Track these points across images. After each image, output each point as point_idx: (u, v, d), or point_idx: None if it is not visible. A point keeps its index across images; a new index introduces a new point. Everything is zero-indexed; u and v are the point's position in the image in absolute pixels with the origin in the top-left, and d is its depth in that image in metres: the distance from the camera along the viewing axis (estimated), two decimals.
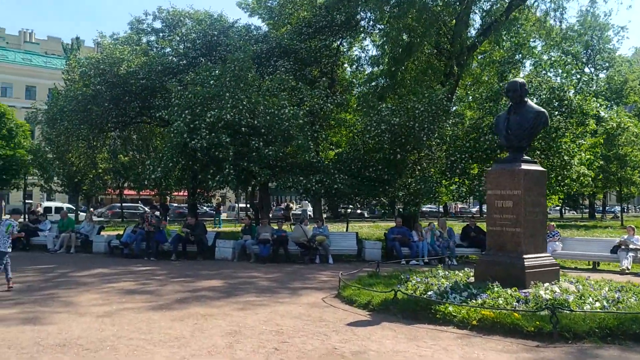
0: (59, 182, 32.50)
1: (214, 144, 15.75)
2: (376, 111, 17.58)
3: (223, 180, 15.87)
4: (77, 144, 23.79)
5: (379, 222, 36.78)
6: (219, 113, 15.79)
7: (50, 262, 14.20)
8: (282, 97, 16.68)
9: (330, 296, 9.49)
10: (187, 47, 22.18)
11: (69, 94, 21.16)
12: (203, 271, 12.76)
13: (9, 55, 66.59)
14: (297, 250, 15.08)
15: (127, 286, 10.32)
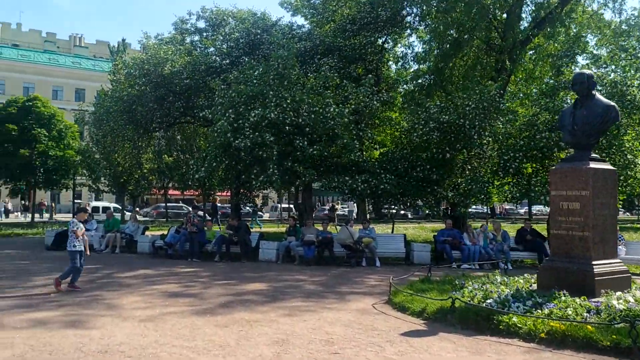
0: (106, 182, 33.05)
1: (258, 143, 15.46)
2: (424, 109, 16.95)
3: (267, 180, 15.56)
4: (123, 145, 24.00)
5: (424, 223, 35.97)
6: (263, 112, 15.48)
7: (95, 262, 14.17)
8: (326, 95, 16.25)
9: (381, 302, 8.98)
10: (230, 46, 22.06)
11: (114, 94, 21.31)
12: (247, 273, 12.45)
13: (59, 59, 68.75)
14: (342, 252, 14.61)
15: (170, 288, 10.08)
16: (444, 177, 16.93)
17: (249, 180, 16.46)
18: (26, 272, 11.88)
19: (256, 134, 15.44)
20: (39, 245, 18.43)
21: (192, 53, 21.93)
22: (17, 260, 14.33)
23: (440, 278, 10.51)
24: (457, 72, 22.52)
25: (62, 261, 14.00)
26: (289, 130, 16.14)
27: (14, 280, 10.75)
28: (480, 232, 14.93)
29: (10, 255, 15.35)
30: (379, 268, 13.91)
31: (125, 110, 20.47)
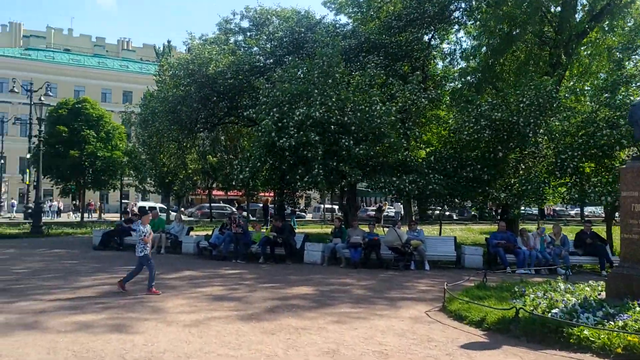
0: (152, 182, 33.49)
1: (303, 142, 15.16)
2: (474, 106, 16.28)
3: (312, 180, 15.23)
4: (168, 145, 24.15)
5: (471, 224, 34.98)
6: (308, 110, 15.16)
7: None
8: (372, 93, 15.79)
9: (435, 309, 8.48)
10: (274, 45, 21.87)
11: (160, 95, 21.42)
12: (292, 276, 12.13)
13: (108, 63, 70.67)
14: (390, 255, 14.12)
15: (215, 291, 9.85)
16: (496, 177, 16.22)
17: (293, 181, 16.15)
18: (74, 272, 11.89)
19: (301, 133, 15.15)
20: (86, 244, 18.64)
21: (236, 53, 21.84)
22: (66, 259, 14.44)
23: (496, 284, 9.91)
24: (507, 68, 21.68)
25: (109, 261, 14.10)
26: (334, 129, 15.77)
27: (61, 280, 10.74)
28: (537, 235, 14.17)
29: (59, 255, 15.51)
30: (428, 272, 13.36)
31: (170, 110, 20.53)
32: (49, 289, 9.60)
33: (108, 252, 16.79)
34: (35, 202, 24.05)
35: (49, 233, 22.89)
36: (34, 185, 52.19)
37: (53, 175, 32.00)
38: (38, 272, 11.74)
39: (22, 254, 15.45)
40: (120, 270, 12.49)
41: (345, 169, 15.11)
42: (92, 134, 31.07)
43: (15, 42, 74.45)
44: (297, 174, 15.70)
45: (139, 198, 54.31)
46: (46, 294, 9.17)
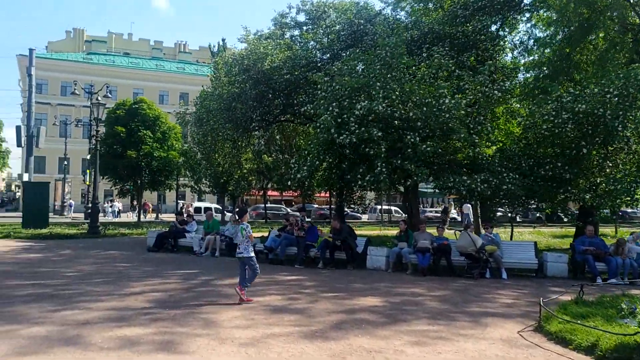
0: (207, 182, 33.21)
1: (364, 139, 14.12)
2: (553, 98, 14.77)
3: (374, 179, 14.15)
4: (223, 144, 23.60)
5: (539, 227, 32.92)
6: (370, 105, 14.11)
7: (194, 266, 13.47)
8: (440, 85, 14.56)
9: (529, 330, 7.25)
10: (331, 39, 20.93)
11: (214, 92, 20.85)
12: (356, 284, 11.09)
13: (165, 65, 71.87)
14: (462, 261, 12.85)
15: (273, 301, 8.93)
16: (578, 176, 14.66)
17: (353, 180, 15.11)
18: (125, 277, 11.28)
19: (362, 129, 14.12)
20: (141, 246, 18.23)
21: (292, 47, 21.02)
22: (119, 262, 13.94)
23: (594, 298, 8.56)
24: (585, 57, 19.89)
25: (162, 264, 13.48)
26: (398, 124, 14.67)
27: (110, 285, 10.10)
28: (632, 240, 12.58)
29: (113, 257, 15.05)
30: (506, 281, 12.02)
31: (225, 108, 19.92)
32: (97, 296, 8.94)
33: (162, 254, 16.27)
34: (92, 202, 24.01)
35: (106, 234, 22.77)
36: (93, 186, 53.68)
37: (111, 176, 32.21)
38: (89, 276, 11.19)
39: (77, 256, 15.10)
40: (172, 274, 11.81)
41: (410, 167, 13.95)
42: (149, 135, 31.06)
43: (79, 47, 76.84)
44: (358, 173, 14.67)
45: (195, 198, 54.65)
46: (94, 301, 8.50)
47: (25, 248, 16.90)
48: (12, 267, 12.30)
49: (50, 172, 61.27)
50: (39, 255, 14.93)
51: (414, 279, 12.07)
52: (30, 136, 33.00)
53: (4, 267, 12.27)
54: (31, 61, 33.24)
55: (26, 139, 33.28)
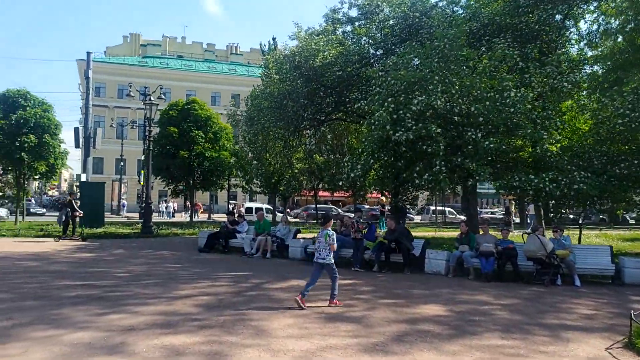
0: (258, 183, 33.04)
1: (422, 136, 13.39)
2: (629, 90, 13.59)
3: (432, 179, 13.37)
4: (274, 144, 23.25)
5: (606, 230, 31.02)
6: (428, 99, 13.35)
7: (245, 268, 13.06)
8: (505, 77, 13.64)
9: (617, 346, 6.39)
10: (385, 34, 20.19)
11: (265, 90, 20.50)
12: (415, 289, 10.37)
13: (217, 67, 72.81)
14: (530, 266, 11.89)
15: (328, 308, 8.34)
16: None
17: (410, 179, 14.36)
18: (174, 278, 10.95)
19: (419, 125, 13.38)
20: (192, 246, 18.06)
21: (344, 43, 20.41)
22: (169, 263, 13.70)
23: None
24: None
25: (212, 265, 13.14)
26: (458, 120, 13.88)
27: (159, 287, 9.77)
28: None
29: (163, 257, 14.87)
30: (581, 289, 10.99)
31: (276, 106, 19.55)
32: (145, 299, 8.60)
33: (212, 255, 15.99)
34: (145, 202, 24.14)
35: (158, 233, 22.81)
36: (146, 186, 54.74)
37: (164, 176, 32.50)
38: (138, 278, 10.93)
39: (128, 256, 14.99)
40: (222, 277, 11.41)
41: (471, 166, 13.10)
42: (201, 135, 31.15)
43: (135, 51, 78.82)
44: (414, 172, 13.93)
45: (247, 199, 54.92)
46: (141, 304, 8.15)
47: (79, 247, 16.99)
48: (65, 267, 12.22)
49: (107, 173, 63.06)
50: (91, 255, 14.91)
51: (478, 285, 11.23)
52: (87, 137, 33.73)
53: (57, 267, 12.20)
54: (88, 64, 34.00)
55: (84, 141, 34.02)
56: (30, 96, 27.71)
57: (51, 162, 27.86)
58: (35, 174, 27.83)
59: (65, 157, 29.32)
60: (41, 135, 27.20)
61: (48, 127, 27.53)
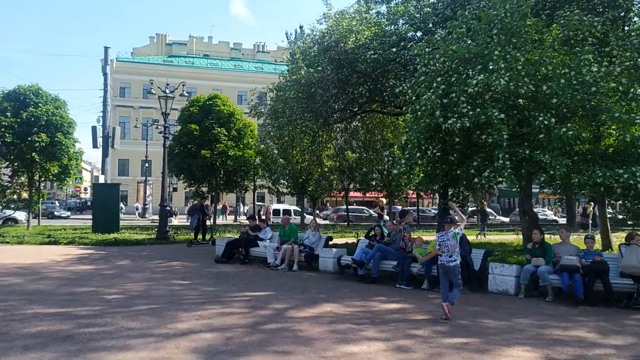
0: (285, 183, 30.76)
1: (480, 123, 10.92)
2: None
3: (494, 175, 10.87)
4: (301, 139, 20.97)
5: None
6: (487, 79, 10.87)
7: (266, 284, 10.78)
8: (586, 50, 11.07)
9: None
10: (425, 13, 17.69)
11: (291, 77, 18.21)
12: (485, 318, 7.92)
13: (244, 65, 71.22)
14: (624, 285, 9.31)
15: (374, 353, 5.97)
16: None
17: (465, 176, 11.87)
18: (177, 302, 8.72)
19: (477, 110, 10.91)
20: (209, 254, 15.90)
21: (380, 24, 17.97)
22: (177, 277, 11.51)
23: None
24: None
25: (228, 281, 10.87)
26: (524, 104, 11.36)
27: (154, 317, 7.56)
28: None
29: (172, 270, 12.70)
30: None
31: (303, 96, 17.26)
32: (126, 338, 6.37)
33: (230, 266, 13.77)
34: (160, 205, 22.17)
35: (175, 239, 20.75)
36: (173, 188, 53.07)
37: (186, 176, 30.49)
38: (131, 301, 8.74)
39: (132, 269, 12.89)
40: (236, 299, 9.13)
41: (544, 158, 10.54)
42: (223, 132, 28.97)
43: (161, 51, 77.68)
44: (471, 167, 11.44)
45: (274, 200, 52.82)
46: (117, 348, 5.93)
47: (81, 257, 15.01)
48: (49, 286, 10.14)
49: (133, 175, 61.94)
50: (90, 268, 12.84)
51: (564, 311, 8.71)
52: (105, 137, 32.02)
53: (40, 285, 10.13)
54: (106, 60, 32.40)
55: (102, 140, 32.32)
56: (42, 92, 26.00)
57: (64, 162, 26.13)
58: (47, 175, 26.12)
59: (80, 157, 27.57)
60: (53, 134, 25.50)
61: (61, 125, 25.79)
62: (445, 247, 8.01)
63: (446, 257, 7.99)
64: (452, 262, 7.93)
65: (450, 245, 7.96)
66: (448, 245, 7.98)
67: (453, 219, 8.56)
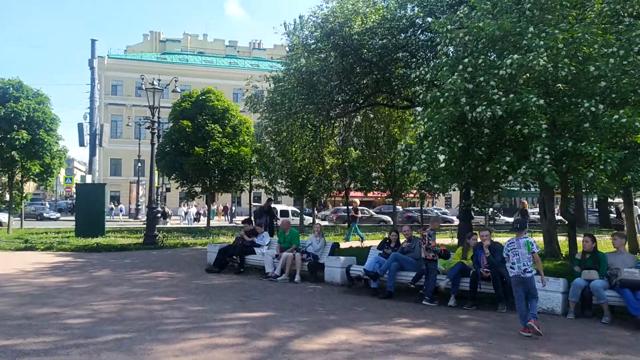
0: (283, 182, 29.07)
1: (514, 111, 9.32)
2: None
3: (531, 171, 9.24)
4: (301, 134, 19.30)
5: None
6: (522, 59, 9.26)
7: (265, 302, 9.13)
8: (637, 24, 9.48)
9: None
10: None
11: (291, 66, 16.55)
12: (542, 352, 6.28)
13: (239, 63, 69.57)
14: None
15: None
16: None
17: (496, 173, 10.25)
18: (153, 329, 7.05)
19: (511, 96, 9.30)
20: (200, 262, 14.27)
21: (389, 6, 16.33)
22: (159, 293, 9.84)
23: None
24: None
25: (219, 298, 9.09)
26: (564, 89, 9.78)
27: (122, 352, 5.91)
28: None
29: (155, 283, 11.02)
30: None
31: (304, 85, 15.61)
32: None
33: (223, 277, 12.10)
34: (148, 207, 20.50)
35: (164, 244, 19.02)
36: (166, 188, 51.30)
37: (178, 176, 28.78)
38: (99, 327, 7.06)
39: (110, 280, 11.21)
40: (228, 322, 7.43)
41: (591, 150, 8.92)
42: (217, 129, 27.29)
43: (155, 49, 75.81)
44: (503, 162, 9.82)
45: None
46: None
47: (54, 267, 13.32)
48: (5, 305, 8.47)
49: (126, 175, 60.11)
50: (60, 281, 11.15)
51: (633, 338, 7.08)
52: (93, 135, 30.30)
53: None
54: (93, 53, 30.81)
55: (89, 138, 30.61)
56: (23, 86, 24.34)
57: (47, 161, 24.44)
58: (28, 175, 24.41)
59: (64, 156, 25.90)
60: (35, 131, 23.82)
61: (43, 121, 24.15)
62: (515, 256, 7.20)
63: (518, 267, 7.15)
64: (528, 273, 7.12)
65: (521, 254, 7.15)
66: (519, 254, 7.17)
67: (524, 224, 7.76)
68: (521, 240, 7.23)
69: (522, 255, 7.15)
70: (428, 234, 9.44)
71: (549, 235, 16.24)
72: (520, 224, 7.64)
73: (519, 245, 7.21)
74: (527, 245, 7.16)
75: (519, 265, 7.14)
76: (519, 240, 7.26)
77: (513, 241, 7.32)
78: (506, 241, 7.58)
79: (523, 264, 7.11)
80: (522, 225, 7.61)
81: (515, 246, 7.24)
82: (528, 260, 7.12)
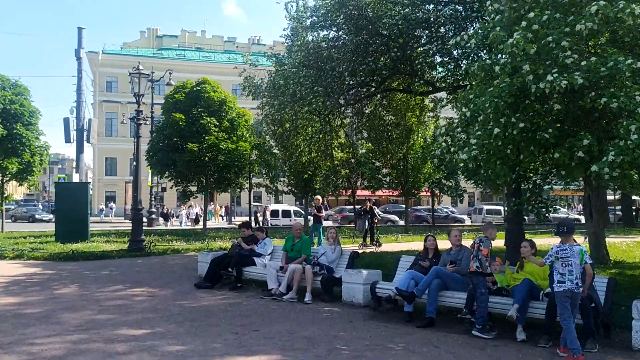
0: (286, 180, 26.70)
1: (593, 82, 7.06)
2: None
3: (624, 157, 6.95)
4: (308, 122, 17.00)
5: None
6: (607, 8, 6.99)
7: (267, 335, 6.82)
8: None
9: None
10: None
11: (295, 44, 14.25)
12: None
13: (238, 58, 67.20)
14: None
15: None
16: None
17: (567, 163, 7.95)
18: None
19: (592, 59, 7.04)
20: (189, 274, 11.96)
21: None
22: (132, 321, 7.54)
23: None
24: None
25: (209, 325, 6.61)
26: None
27: None
28: None
29: (131, 304, 8.72)
30: None
31: (310, 63, 13.34)
32: None
33: (216, 294, 9.77)
34: (132, 209, 18.23)
35: (152, 250, 16.69)
36: (161, 188, 48.98)
37: (171, 174, 26.41)
38: None
39: (74, 302, 8.91)
40: None
41: None
42: (214, 123, 24.91)
43: (152, 45, 73.60)
44: (579, 147, 7.52)
45: (272, 200, 48.89)
46: None
47: (13, 281, 11.02)
48: None
49: (122, 174, 57.94)
50: (10, 302, 8.83)
51: None
52: (80, 130, 27.99)
53: None
54: (80, 42, 28.46)
55: (76, 134, 28.30)
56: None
57: (26, 158, 22.15)
58: (5, 174, 22.15)
59: (46, 152, 23.64)
60: (12, 125, 21.54)
61: (21, 114, 21.88)
62: (568, 266, 6.02)
63: (569, 281, 5.98)
64: (581, 287, 6.09)
65: (574, 265, 6.02)
66: (571, 264, 6.02)
67: (571, 227, 6.36)
68: (575, 248, 6.06)
69: (575, 265, 6.01)
70: (480, 239, 7.15)
71: (596, 239, 14.00)
72: (567, 227, 6.30)
73: (572, 253, 6.03)
74: (581, 253, 6.05)
75: (570, 278, 5.98)
76: (572, 248, 6.06)
77: (565, 248, 6.08)
78: (552, 247, 6.20)
79: (575, 276, 5.98)
80: (570, 228, 6.29)
81: (568, 254, 6.03)
82: (579, 271, 6.03)
